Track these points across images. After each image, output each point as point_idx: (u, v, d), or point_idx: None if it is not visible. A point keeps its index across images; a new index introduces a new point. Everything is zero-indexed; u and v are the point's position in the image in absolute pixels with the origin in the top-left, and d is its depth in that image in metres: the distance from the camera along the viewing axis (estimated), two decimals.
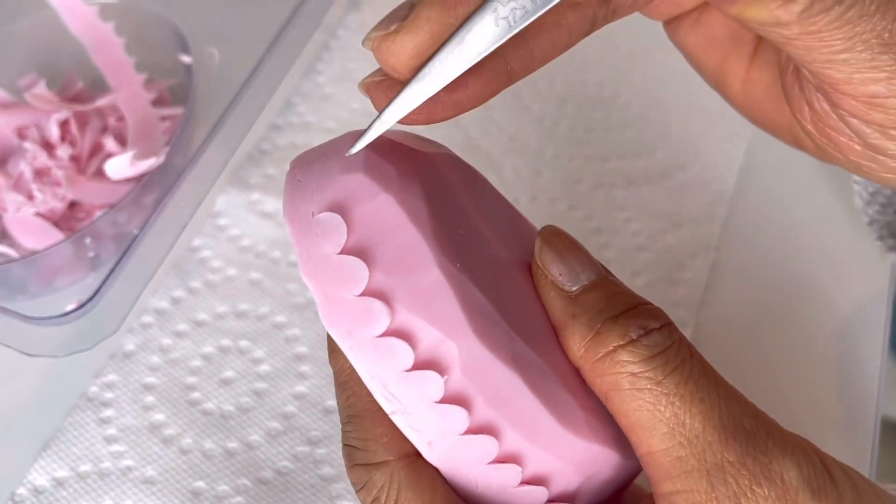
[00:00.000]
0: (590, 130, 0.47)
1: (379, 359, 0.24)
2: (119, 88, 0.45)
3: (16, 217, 0.41)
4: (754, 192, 0.45)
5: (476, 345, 0.24)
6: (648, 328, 0.25)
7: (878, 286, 0.41)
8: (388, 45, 0.22)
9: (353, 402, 0.26)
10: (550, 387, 0.25)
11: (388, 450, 0.25)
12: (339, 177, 0.25)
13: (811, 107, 0.27)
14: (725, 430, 0.24)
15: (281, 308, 0.40)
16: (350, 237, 0.24)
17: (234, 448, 0.36)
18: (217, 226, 0.43)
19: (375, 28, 0.23)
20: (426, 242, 0.24)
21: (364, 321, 0.24)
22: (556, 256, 0.26)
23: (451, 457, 0.25)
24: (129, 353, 0.39)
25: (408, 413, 0.24)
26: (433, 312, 0.24)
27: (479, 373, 0.24)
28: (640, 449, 0.25)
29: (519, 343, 0.25)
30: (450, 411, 0.24)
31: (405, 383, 0.24)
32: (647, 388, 0.24)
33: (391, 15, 0.23)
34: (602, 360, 0.25)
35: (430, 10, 0.22)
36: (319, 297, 0.24)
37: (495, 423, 0.24)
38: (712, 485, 0.23)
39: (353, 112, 0.48)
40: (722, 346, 0.39)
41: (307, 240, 0.25)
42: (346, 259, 0.24)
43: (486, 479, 0.25)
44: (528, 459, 0.25)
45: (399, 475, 0.25)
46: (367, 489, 0.26)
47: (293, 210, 0.25)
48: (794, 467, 0.24)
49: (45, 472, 0.36)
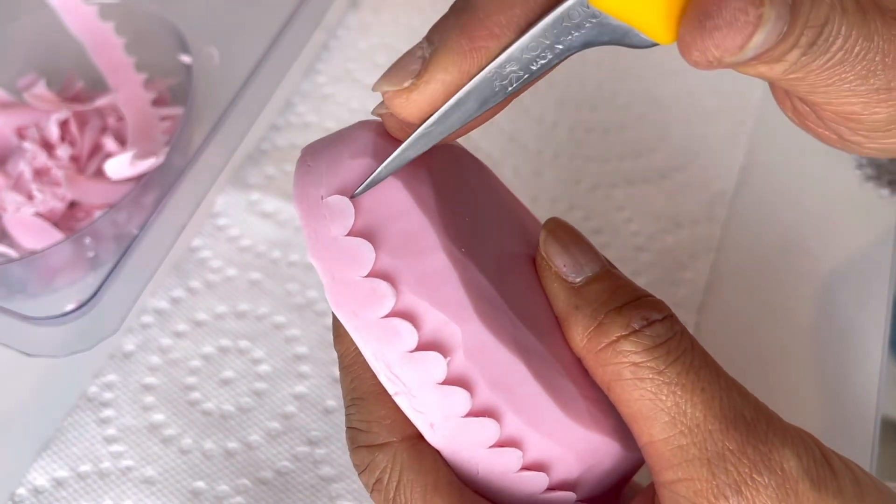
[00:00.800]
0: (589, 131, 0.47)
1: (384, 339, 0.24)
2: (119, 88, 0.45)
3: (15, 217, 0.41)
4: (755, 192, 0.45)
5: (479, 328, 0.24)
6: (651, 319, 0.25)
7: (878, 286, 0.41)
8: (403, 101, 0.24)
9: (356, 384, 0.27)
10: (553, 375, 0.25)
11: (391, 431, 0.26)
12: (348, 161, 0.25)
13: (793, 105, 0.28)
14: (726, 419, 0.24)
15: (280, 308, 0.40)
16: (357, 220, 0.25)
17: (233, 448, 0.36)
18: (217, 226, 0.43)
19: (386, 80, 0.24)
20: (432, 226, 0.25)
21: (369, 302, 0.24)
22: (560, 248, 0.27)
23: (453, 439, 0.25)
24: (129, 354, 0.39)
25: (411, 394, 0.25)
26: (438, 295, 0.24)
27: (481, 356, 0.24)
28: (641, 438, 0.25)
29: (522, 330, 0.25)
30: (452, 393, 0.24)
31: (409, 364, 0.24)
32: (648, 378, 0.24)
33: (401, 68, 0.24)
34: (604, 350, 0.25)
35: (445, 73, 0.24)
36: (326, 278, 0.25)
37: (497, 406, 0.25)
38: (713, 473, 0.24)
39: (352, 112, 0.48)
40: (722, 346, 0.39)
41: (315, 222, 0.25)
42: (353, 241, 0.24)
43: (487, 462, 0.25)
44: (529, 445, 0.25)
45: (402, 457, 0.25)
46: (369, 470, 0.26)
47: (303, 193, 0.26)
48: (794, 457, 0.24)
49: (44, 472, 0.36)
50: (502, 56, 0.23)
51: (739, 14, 0.21)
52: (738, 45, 0.22)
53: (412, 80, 0.24)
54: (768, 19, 0.21)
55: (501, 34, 0.23)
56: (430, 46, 0.24)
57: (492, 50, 0.23)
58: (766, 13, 0.21)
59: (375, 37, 0.51)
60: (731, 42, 0.22)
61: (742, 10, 0.21)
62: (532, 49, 0.23)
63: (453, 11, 0.24)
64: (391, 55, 0.50)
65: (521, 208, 0.31)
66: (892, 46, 0.24)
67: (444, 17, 0.24)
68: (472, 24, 0.23)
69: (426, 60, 0.24)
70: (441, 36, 0.24)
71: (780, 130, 0.46)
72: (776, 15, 0.21)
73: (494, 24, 0.23)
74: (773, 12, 0.21)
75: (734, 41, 0.22)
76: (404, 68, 0.24)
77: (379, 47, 0.51)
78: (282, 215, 0.43)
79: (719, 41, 0.22)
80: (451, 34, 0.23)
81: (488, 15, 0.23)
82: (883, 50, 0.24)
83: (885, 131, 0.26)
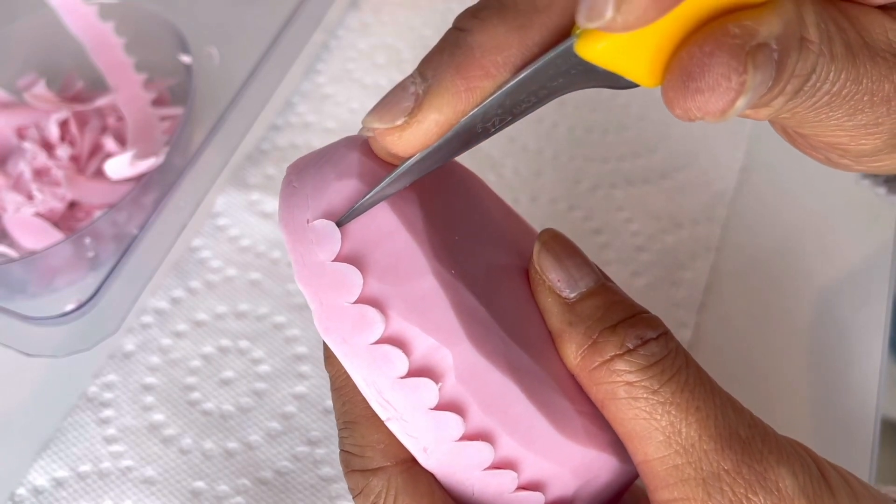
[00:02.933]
0: (589, 131, 0.47)
1: (374, 366, 0.24)
2: (119, 88, 0.45)
3: (15, 217, 0.41)
4: (755, 192, 0.45)
5: (471, 351, 0.24)
6: (645, 338, 0.25)
7: (878, 286, 0.41)
8: (395, 139, 0.23)
9: (348, 408, 0.26)
10: (546, 392, 0.25)
11: (385, 456, 0.25)
12: (333, 183, 0.25)
13: (783, 128, 0.28)
14: (721, 438, 0.24)
15: (280, 308, 0.40)
16: (344, 244, 0.24)
17: (233, 448, 0.36)
18: (217, 226, 0.43)
19: (377, 116, 0.24)
20: (420, 249, 0.24)
21: (358, 328, 0.24)
22: (554, 262, 0.26)
23: (447, 463, 0.25)
24: (129, 354, 0.39)
25: (403, 420, 0.24)
26: (428, 319, 0.24)
27: (473, 379, 0.24)
28: (636, 457, 0.25)
29: (515, 349, 0.25)
30: (445, 418, 0.24)
31: (400, 390, 0.24)
32: (643, 398, 0.24)
33: (393, 104, 0.23)
34: (598, 369, 0.25)
35: (439, 114, 0.23)
36: (315, 304, 0.24)
37: (491, 429, 0.24)
38: (709, 493, 0.23)
39: (352, 112, 0.48)
40: (722, 347, 0.39)
41: (302, 246, 0.25)
42: (340, 266, 0.24)
43: (482, 484, 0.25)
44: (524, 465, 0.25)
45: (396, 481, 0.25)
46: (364, 495, 0.26)
47: (288, 217, 0.25)
48: (790, 475, 0.24)
49: (44, 472, 0.36)
50: (489, 100, 0.23)
51: (722, 80, 0.20)
52: (719, 110, 0.21)
53: (405, 117, 0.23)
54: (751, 87, 0.20)
55: (497, 74, 0.23)
56: (423, 83, 0.23)
57: (486, 90, 0.23)
58: (749, 80, 0.20)
59: (375, 37, 0.51)
60: (713, 106, 0.21)
61: (725, 76, 0.20)
62: (517, 94, 0.23)
63: (447, 47, 0.23)
64: (391, 55, 0.50)
65: (513, 216, 0.30)
66: (881, 85, 0.23)
67: (438, 52, 0.23)
68: (468, 64, 0.23)
69: (419, 98, 0.23)
70: (435, 73, 0.23)
71: None
72: (760, 79, 0.21)
73: (490, 64, 0.23)
74: (757, 77, 0.21)
75: (716, 105, 0.21)
76: (396, 104, 0.23)
77: (379, 47, 0.51)
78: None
79: (701, 104, 0.21)
80: (447, 73, 0.23)
81: (484, 54, 0.22)
82: (871, 90, 0.23)
83: (872, 156, 0.26)
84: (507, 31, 0.22)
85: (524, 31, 0.23)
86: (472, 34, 0.23)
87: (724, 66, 0.20)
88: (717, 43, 0.21)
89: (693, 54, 0.21)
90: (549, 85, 0.23)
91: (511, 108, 0.23)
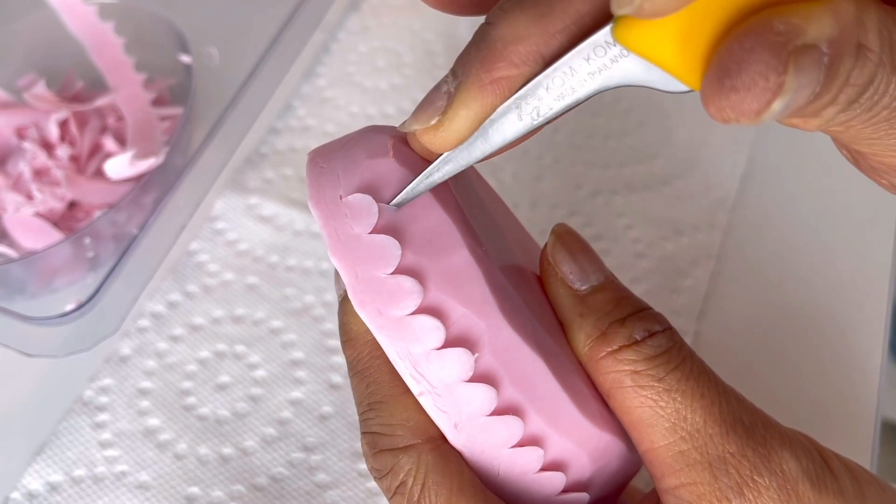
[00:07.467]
0: (590, 136, 0.47)
1: (410, 337, 0.24)
2: (118, 88, 0.44)
3: (15, 217, 0.41)
4: (756, 199, 0.44)
5: (504, 325, 0.25)
6: (652, 331, 0.26)
7: (878, 287, 0.41)
8: (431, 137, 0.24)
9: (374, 389, 0.26)
10: (568, 374, 0.26)
11: (414, 434, 0.26)
12: (365, 161, 0.25)
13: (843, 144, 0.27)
14: (725, 423, 0.24)
15: (277, 313, 0.40)
16: (380, 218, 0.25)
17: (228, 454, 0.36)
18: (214, 230, 0.43)
19: (416, 119, 0.24)
20: (455, 225, 0.25)
21: (396, 299, 0.24)
22: (567, 255, 0.27)
23: (477, 439, 0.25)
24: (125, 357, 0.39)
25: (436, 393, 0.25)
26: (463, 292, 0.24)
27: (506, 354, 0.25)
28: (641, 445, 0.25)
29: (539, 329, 0.25)
30: (479, 390, 0.24)
31: (435, 362, 0.24)
32: (649, 385, 0.25)
33: (429, 104, 0.24)
34: (606, 358, 0.25)
35: (467, 109, 0.23)
36: (349, 277, 0.25)
37: (520, 404, 0.25)
38: (715, 476, 0.24)
39: (352, 115, 0.48)
40: (722, 353, 0.39)
41: (335, 221, 0.25)
42: (378, 238, 0.24)
43: (508, 463, 0.25)
44: (550, 444, 0.25)
45: (427, 458, 0.25)
46: (392, 474, 0.26)
47: (319, 194, 0.25)
48: (793, 459, 0.24)
49: (39, 476, 0.36)
50: (523, 90, 0.23)
51: (759, 78, 0.19)
52: (754, 111, 0.20)
53: (438, 116, 0.24)
54: (789, 89, 0.19)
55: (521, 64, 0.23)
56: (454, 80, 0.23)
57: (513, 81, 0.23)
58: (787, 82, 0.19)
59: (376, 40, 0.51)
60: (748, 107, 0.19)
61: (762, 75, 0.19)
62: (556, 83, 0.23)
63: (474, 43, 0.23)
64: (392, 59, 0.50)
65: (519, 224, 0.31)
66: None
67: (468, 49, 0.24)
68: (491, 57, 0.23)
69: (451, 95, 0.23)
70: (464, 69, 0.23)
71: (781, 138, 0.46)
72: (803, 82, 0.19)
73: (513, 54, 0.23)
74: (796, 81, 0.19)
75: (750, 106, 0.19)
76: (431, 104, 0.24)
77: (379, 50, 0.51)
78: (280, 220, 0.43)
79: (735, 103, 0.20)
80: (473, 67, 0.23)
81: (506, 45, 0.23)
82: None
83: None
84: (527, 21, 0.23)
85: (545, 19, 0.23)
86: (496, 27, 0.23)
87: (762, 63, 0.19)
88: (758, 39, 0.19)
89: (732, 49, 0.20)
90: (591, 76, 0.22)
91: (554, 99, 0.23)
